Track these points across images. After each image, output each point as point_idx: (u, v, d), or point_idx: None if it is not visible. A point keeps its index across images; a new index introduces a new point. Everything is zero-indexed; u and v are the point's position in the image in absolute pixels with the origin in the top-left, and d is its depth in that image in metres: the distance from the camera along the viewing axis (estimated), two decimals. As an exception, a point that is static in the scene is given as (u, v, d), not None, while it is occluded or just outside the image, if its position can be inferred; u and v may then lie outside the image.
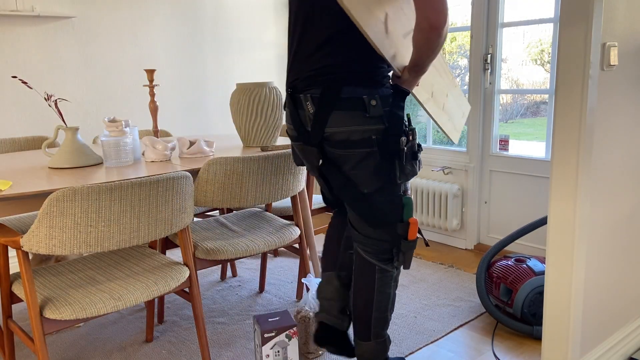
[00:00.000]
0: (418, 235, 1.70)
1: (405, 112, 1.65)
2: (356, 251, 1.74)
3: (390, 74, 1.68)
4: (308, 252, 2.51)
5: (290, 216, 2.67)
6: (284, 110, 1.79)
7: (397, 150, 1.59)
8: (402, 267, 1.74)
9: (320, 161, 1.66)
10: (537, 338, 2.16)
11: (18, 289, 1.67)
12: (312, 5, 1.60)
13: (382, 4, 1.56)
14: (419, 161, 1.67)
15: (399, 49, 1.62)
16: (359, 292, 1.74)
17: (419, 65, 1.59)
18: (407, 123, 1.64)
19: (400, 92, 1.63)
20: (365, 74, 1.58)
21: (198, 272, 2.97)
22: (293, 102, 1.67)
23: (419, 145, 1.67)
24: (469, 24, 3.12)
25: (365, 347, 1.76)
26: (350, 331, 2.03)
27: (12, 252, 3.02)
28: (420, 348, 2.13)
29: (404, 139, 1.59)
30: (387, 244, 1.69)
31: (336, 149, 1.62)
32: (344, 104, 1.57)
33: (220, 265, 2.98)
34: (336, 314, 1.86)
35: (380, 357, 1.78)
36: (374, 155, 1.60)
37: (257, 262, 3.14)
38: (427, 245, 1.81)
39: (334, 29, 1.57)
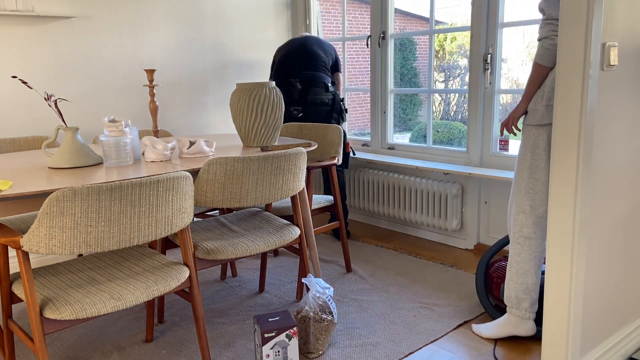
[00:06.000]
0: None
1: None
2: None
3: None
4: (308, 252, 2.51)
5: (290, 216, 2.67)
6: None
7: None
8: None
9: None
10: (537, 338, 2.16)
11: (18, 289, 1.67)
12: None
13: None
14: None
15: None
16: None
17: None
18: None
19: None
20: None
21: (198, 272, 2.97)
22: None
23: None
24: (469, 24, 3.12)
25: None
26: None
27: (12, 252, 3.02)
28: (420, 348, 2.13)
29: None
30: None
31: None
32: None
33: (220, 265, 2.98)
34: None
35: None
36: None
37: (257, 262, 3.14)
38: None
39: None
